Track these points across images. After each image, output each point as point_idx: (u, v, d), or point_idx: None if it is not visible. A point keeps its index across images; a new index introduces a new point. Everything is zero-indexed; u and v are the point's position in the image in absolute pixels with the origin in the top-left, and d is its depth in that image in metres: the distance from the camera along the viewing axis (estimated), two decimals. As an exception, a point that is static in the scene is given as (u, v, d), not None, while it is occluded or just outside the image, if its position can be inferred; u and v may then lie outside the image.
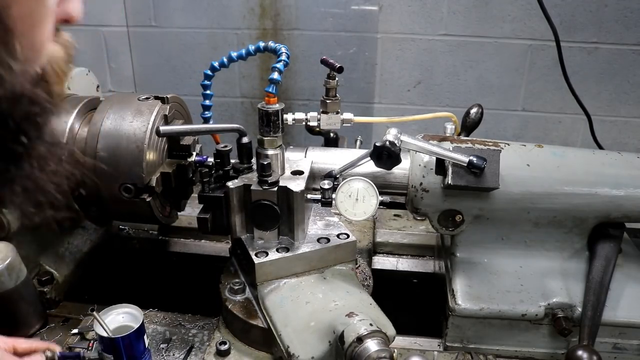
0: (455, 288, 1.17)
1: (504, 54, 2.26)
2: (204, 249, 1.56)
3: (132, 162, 1.17)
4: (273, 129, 1.11)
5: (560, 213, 1.17)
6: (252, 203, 1.11)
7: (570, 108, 2.19)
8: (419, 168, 1.16)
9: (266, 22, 2.31)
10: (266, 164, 1.09)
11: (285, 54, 1.11)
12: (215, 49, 2.36)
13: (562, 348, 1.17)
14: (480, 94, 2.32)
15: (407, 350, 1.16)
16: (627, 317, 1.14)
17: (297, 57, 2.31)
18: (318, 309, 1.03)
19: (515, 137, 2.39)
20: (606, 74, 2.24)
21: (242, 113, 2.51)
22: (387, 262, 1.53)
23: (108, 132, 1.20)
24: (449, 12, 2.22)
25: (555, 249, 1.21)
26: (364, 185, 1.10)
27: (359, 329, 0.91)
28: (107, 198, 1.22)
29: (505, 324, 1.16)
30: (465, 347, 1.19)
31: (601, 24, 2.16)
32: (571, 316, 1.13)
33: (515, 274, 1.19)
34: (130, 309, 1.07)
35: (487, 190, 1.12)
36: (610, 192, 1.15)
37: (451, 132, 1.37)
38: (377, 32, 2.29)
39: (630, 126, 2.34)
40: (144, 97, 1.26)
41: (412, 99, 2.40)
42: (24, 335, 1.17)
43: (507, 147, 1.18)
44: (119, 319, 1.06)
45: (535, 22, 2.16)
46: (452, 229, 1.20)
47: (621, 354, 1.17)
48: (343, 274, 1.15)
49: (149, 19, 2.39)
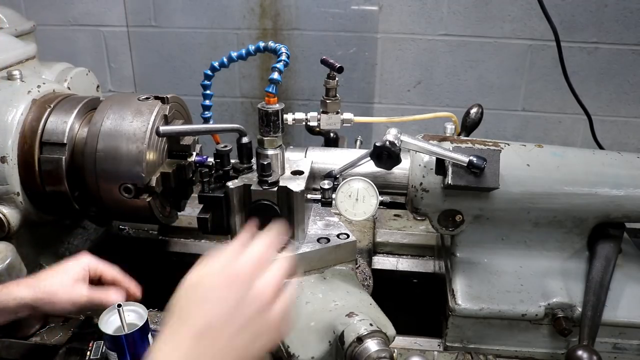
0: (455, 288, 1.17)
1: (504, 54, 2.26)
2: (204, 249, 1.56)
3: (132, 162, 1.17)
4: (273, 129, 1.11)
5: (560, 213, 1.17)
6: (252, 203, 1.11)
7: (570, 108, 2.20)
8: (419, 168, 1.16)
9: (266, 22, 2.31)
10: (266, 164, 1.09)
11: (285, 54, 1.11)
12: (215, 49, 2.36)
13: (562, 348, 1.17)
14: (480, 94, 2.33)
15: (407, 350, 1.16)
16: (627, 317, 1.13)
17: (297, 57, 2.32)
18: (318, 309, 1.03)
19: (515, 137, 2.39)
20: (606, 74, 2.25)
21: (242, 113, 2.51)
22: (387, 262, 1.53)
23: (108, 132, 1.20)
24: (449, 12, 2.22)
25: (555, 249, 1.21)
26: (364, 185, 1.10)
27: (359, 329, 0.91)
28: (107, 198, 1.22)
29: (505, 324, 1.16)
30: (465, 347, 1.19)
31: (601, 24, 2.17)
32: (571, 316, 1.13)
33: (515, 274, 1.19)
34: (135, 307, 1.07)
35: (487, 190, 1.12)
36: (610, 192, 1.15)
37: (451, 132, 1.37)
38: (377, 32, 2.29)
39: (630, 126, 2.34)
40: (144, 97, 1.26)
41: (412, 99, 2.41)
42: (24, 335, 1.17)
43: (507, 147, 1.18)
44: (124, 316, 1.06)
45: (535, 22, 2.16)
46: (452, 229, 1.20)
47: (621, 354, 1.17)
48: (343, 274, 1.15)
49: (149, 19, 2.39)
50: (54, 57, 1.63)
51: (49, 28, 2.40)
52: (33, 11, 2.37)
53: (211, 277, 0.75)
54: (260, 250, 0.78)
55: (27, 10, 2.37)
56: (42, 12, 2.40)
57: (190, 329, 0.71)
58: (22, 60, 1.45)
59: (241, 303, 0.73)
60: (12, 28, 1.52)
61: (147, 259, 1.58)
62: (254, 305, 0.73)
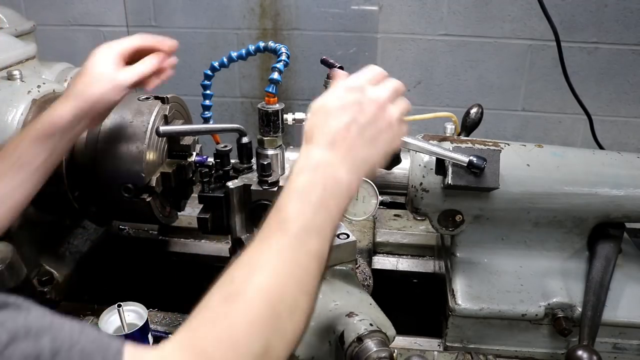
0: (455, 288, 1.17)
1: (504, 54, 2.26)
2: (204, 249, 1.56)
3: (132, 162, 1.17)
4: (273, 129, 1.11)
5: (560, 213, 1.17)
6: (252, 203, 1.11)
7: (570, 108, 2.19)
8: (419, 168, 1.16)
9: (266, 22, 2.31)
10: (266, 164, 1.09)
11: (285, 54, 1.11)
12: (215, 49, 2.35)
13: (562, 348, 1.17)
14: (480, 94, 2.32)
15: (407, 350, 1.16)
16: (627, 317, 1.14)
17: (297, 57, 2.31)
18: (318, 309, 1.03)
19: (515, 137, 2.39)
20: (606, 74, 2.24)
21: (242, 113, 2.51)
22: (387, 262, 1.53)
23: (108, 132, 1.20)
24: (449, 12, 2.22)
25: (555, 249, 1.21)
26: (364, 185, 1.10)
27: (359, 329, 0.91)
28: (107, 198, 1.22)
29: (505, 324, 1.16)
30: (465, 347, 1.18)
31: (601, 24, 2.16)
32: (571, 316, 1.13)
33: (515, 274, 1.19)
34: (135, 307, 1.07)
35: (487, 190, 1.12)
36: (610, 192, 1.15)
37: (451, 132, 1.37)
38: (377, 32, 2.29)
39: (630, 126, 2.34)
40: (144, 97, 1.26)
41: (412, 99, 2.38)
42: None
43: (507, 147, 1.18)
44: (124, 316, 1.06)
45: (535, 22, 2.16)
46: (452, 229, 1.20)
47: (621, 354, 1.17)
48: (343, 274, 1.15)
49: (149, 19, 2.39)
50: (54, 57, 1.63)
51: (49, 28, 2.40)
52: (33, 11, 2.37)
53: (331, 99, 0.80)
54: (372, 72, 0.84)
55: (27, 10, 2.37)
56: (42, 12, 2.39)
57: (319, 143, 0.76)
58: (22, 60, 1.45)
59: (360, 106, 0.78)
60: (12, 28, 1.52)
61: (147, 259, 1.58)
62: (373, 105, 0.79)
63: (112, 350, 0.53)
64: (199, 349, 0.58)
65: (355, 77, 0.83)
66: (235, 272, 0.66)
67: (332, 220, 0.72)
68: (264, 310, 0.62)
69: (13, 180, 0.96)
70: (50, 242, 1.40)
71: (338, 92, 0.81)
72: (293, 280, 0.66)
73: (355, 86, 0.81)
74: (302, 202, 0.70)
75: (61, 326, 0.52)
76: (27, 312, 0.52)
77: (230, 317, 0.61)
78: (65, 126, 0.98)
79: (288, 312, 0.64)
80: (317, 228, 0.70)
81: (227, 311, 0.61)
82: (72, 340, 0.51)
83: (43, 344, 0.49)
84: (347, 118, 0.77)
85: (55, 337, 0.50)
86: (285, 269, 0.66)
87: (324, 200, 0.71)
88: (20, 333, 0.49)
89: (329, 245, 0.72)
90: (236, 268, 0.66)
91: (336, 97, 0.80)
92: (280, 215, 0.70)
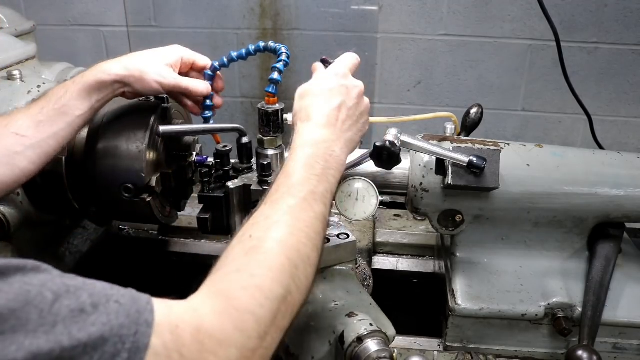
0: (455, 288, 1.17)
1: (504, 54, 2.26)
2: (204, 249, 1.56)
3: (132, 161, 1.17)
4: (273, 129, 1.11)
5: (560, 213, 1.17)
6: (252, 203, 1.11)
7: (570, 108, 2.19)
8: (419, 168, 1.16)
9: (266, 22, 2.31)
10: (266, 164, 1.09)
11: (285, 54, 1.11)
12: (215, 49, 2.35)
13: (562, 348, 1.17)
14: (480, 94, 2.32)
15: (407, 350, 1.16)
16: (627, 317, 1.14)
17: (297, 57, 2.31)
18: (318, 309, 1.03)
19: (515, 137, 2.39)
20: (606, 74, 2.24)
21: (242, 113, 2.51)
22: (387, 262, 1.53)
23: (108, 132, 1.20)
24: (449, 12, 2.22)
25: (555, 249, 1.21)
26: (364, 185, 1.10)
27: (359, 329, 0.91)
28: (107, 198, 1.22)
29: (505, 324, 1.16)
30: (465, 347, 1.19)
31: (601, 24, 2.16)
32: (571, 316, 1.13)
33: (515, 274, 1.19)
34: None
35: (487, 190, 1.12)
36: (610, 192, 1.15)
37: (451, 132, 1.37)
38: (377, 32, 2.29)
39: (630, 126, 2.34)
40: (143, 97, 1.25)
41: (412, 99, 2.40)
42: None
43: (507, 147, 1.18)
44: None
45: (535, 22, 2.16)
46: (452, 229, 1.20)
47: (621, 354, 1.17)
48: (343, 274, 1.15)
49: (149, 19, 2.39)
50: (54, 57, 1.63)
51: (49, 28, 2.40)
52: (33, 11, 2.37)
53: (321, 83, 0.94)
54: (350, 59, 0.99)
55: (27, 10, 2.37)
56: (42, 12, 2.40)
57: (318, 122, 0.89)
58: (22, 60, 1.45)
59: (347, 89, 0.93)
60: (12, 28, 1.52)
61: (147, 259, 1.58)
62: (356, 90, 0.94)
63: (142, 301, 0.58)
64: (227, 295, 0.64)
65: (337, 65, 0.96)
66: (252, 229, 0.74)
67: (331, 190, 0.84)
68: (284, 259, 0.70)
69: (55, 126, 1.02)
70: (50, 242, 1.40)
71: (327, 77, 0.94)
72: (304, 235, 0.75)
73: (340, 72, 0.94)
74: (307, 172, 0.82)
75: (93, 284, 0.57)
76: (60, 274, 0.56)
77: (253, 266, 0.68)
78: (107, 84, 1.06)
79: (302, 264, 0.73)
80: (320, 195, 0.81)
81: (249, 261, 0.69)
82: (107, 294, 0.57)
83: (84, 299, 0.54)
84: (337, 101, 0.90)
85: (92, 293, 0.55)
86: (297, 226, 0.75)
87: (325, 172, 0.83)
88: (62, 291, 0.54)
89: (328, 212, 0.83)
90: (252, 226, 0.74)
91: (326, 82, 0.93)
92: (289, 181, 0.80)
